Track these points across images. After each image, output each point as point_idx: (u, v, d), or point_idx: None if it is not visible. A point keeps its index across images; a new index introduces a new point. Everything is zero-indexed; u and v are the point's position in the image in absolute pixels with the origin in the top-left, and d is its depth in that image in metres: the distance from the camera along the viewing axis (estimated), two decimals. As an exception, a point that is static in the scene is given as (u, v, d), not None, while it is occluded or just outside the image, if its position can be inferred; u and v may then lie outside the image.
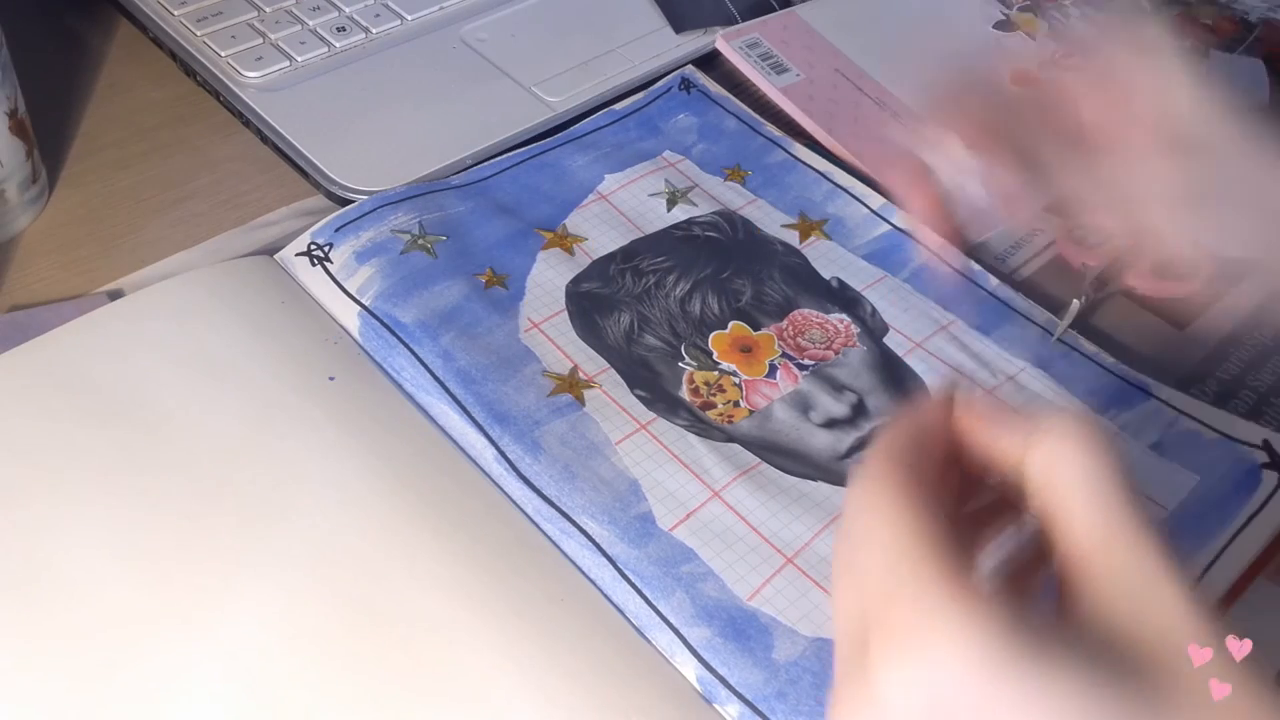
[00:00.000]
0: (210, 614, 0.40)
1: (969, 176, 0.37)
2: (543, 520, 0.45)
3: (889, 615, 0.27)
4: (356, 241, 0.52)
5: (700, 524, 0.45)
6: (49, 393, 0.45)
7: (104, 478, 0.43)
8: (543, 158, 0.59)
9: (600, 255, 0.55)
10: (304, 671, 0.39)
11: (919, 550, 0.28)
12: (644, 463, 0.47)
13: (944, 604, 0.27)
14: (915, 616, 0.27)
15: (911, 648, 0.27)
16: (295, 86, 0.60)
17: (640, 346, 0.51)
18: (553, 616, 0.41)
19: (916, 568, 0.27)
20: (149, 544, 0.41)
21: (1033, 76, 0.53)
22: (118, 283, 0.51)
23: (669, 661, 0.41)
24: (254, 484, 0.43)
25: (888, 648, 0.27)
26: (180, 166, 0.58)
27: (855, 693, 0.28)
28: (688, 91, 0.63)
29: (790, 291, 0.54)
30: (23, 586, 0.39)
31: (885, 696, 0.27)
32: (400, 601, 0.41)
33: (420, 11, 0.66)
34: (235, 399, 0.46)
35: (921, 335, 0.53)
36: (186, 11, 0.63)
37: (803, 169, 0.60)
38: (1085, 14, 0.74)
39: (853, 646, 0.28)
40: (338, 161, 0.57)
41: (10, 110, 0.51)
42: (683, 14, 0.68)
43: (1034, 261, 0.59)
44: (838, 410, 0.49)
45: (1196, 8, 0.75)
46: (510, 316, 0.51)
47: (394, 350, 0.49)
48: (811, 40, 0.68)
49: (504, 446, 0.46)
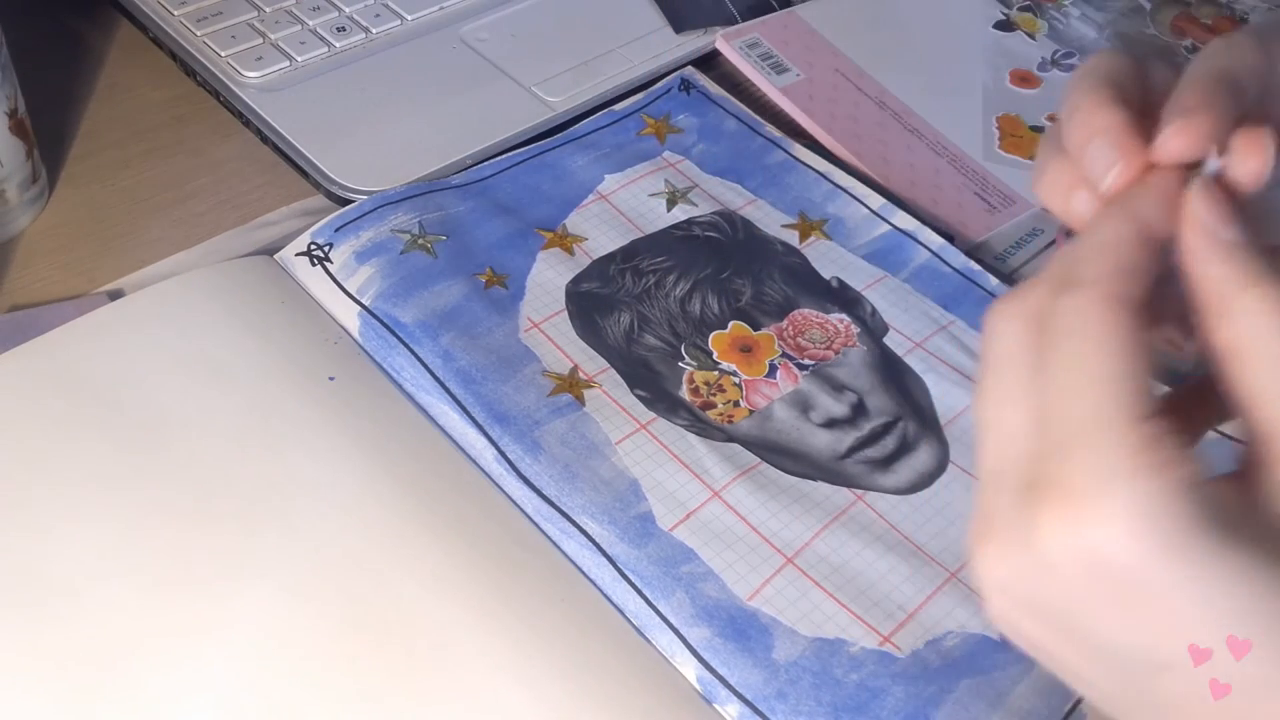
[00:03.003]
0: (210, 613, 0.40)
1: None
2: (543, 520, 0.45)
3: (1073, 461, 0.25)
4: (356, 241, 0.52)
5: (700, 524, 0.45)
6: (49, 393, 0.45)
7: (104, 477, 0.43)
8: (543, 158, 0.59)
9: (600, 255, 0.55)
10: (304, 671, 0.39)
11: (1127, 396, 0.25)
12: (644, 463, 0.47)
13: (1136, 465, 0.24)
14: (1103, 472, 0.25)
15: (1088, 506, 0.25)
16: (295, 86, 0.60)
17: (640, 346, 0.51)
18: (553, 617, 0.41)
19: (1118, 415, 0.25)
20: (148, 543, 0.41)
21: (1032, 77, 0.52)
22: (118, 283, 0.51)
23: (669, 661, 0.41)
24: (254, 484, 0.43)
25: (1063, 500, 0.25)
26: (180, 166, 0.58)
27: (1011, 535, 0.26)
28: (688, 92, 0.63)
29: (790, 291, 0.54)
30: (22, 586, 0.39)
31: (1046, 548, 0.25)
32: (400, 601, 0.41)
33: (420, 11, 0.66)
34: (235, 399, 0.46)
35: (921, 335, 0.53)
36: (186, 11, 0.63)
37: (803, 169, 0.60)
38: (1085, 14, 0.74)
39: (1016, 477, 0.26)
40: (338, 161, 0.57)
41: (10, 110, 0.51)
42: (683, 14, 0.68)
43: (1034, 262, 0.59)
44: (838, 410, 0.49)
45: (1196, 8, 0.75)
46: (510, 316, 0.51)
47: (394, 350, 0.49)
48: (811, 40, 0.68)
49: (504, 446, 0.46)
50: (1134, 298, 0.26)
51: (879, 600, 0.43)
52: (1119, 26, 0.74)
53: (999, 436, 0.27)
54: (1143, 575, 0.24)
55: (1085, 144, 0.30)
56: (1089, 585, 0.25)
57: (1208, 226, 0.27)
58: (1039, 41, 0.71)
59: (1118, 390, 0.25)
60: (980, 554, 0.27)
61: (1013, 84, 0.68)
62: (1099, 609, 0.25)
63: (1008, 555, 0.26)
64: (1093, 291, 0.26)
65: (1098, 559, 0.25)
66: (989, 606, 0.28)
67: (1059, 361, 0.26)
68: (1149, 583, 0.24)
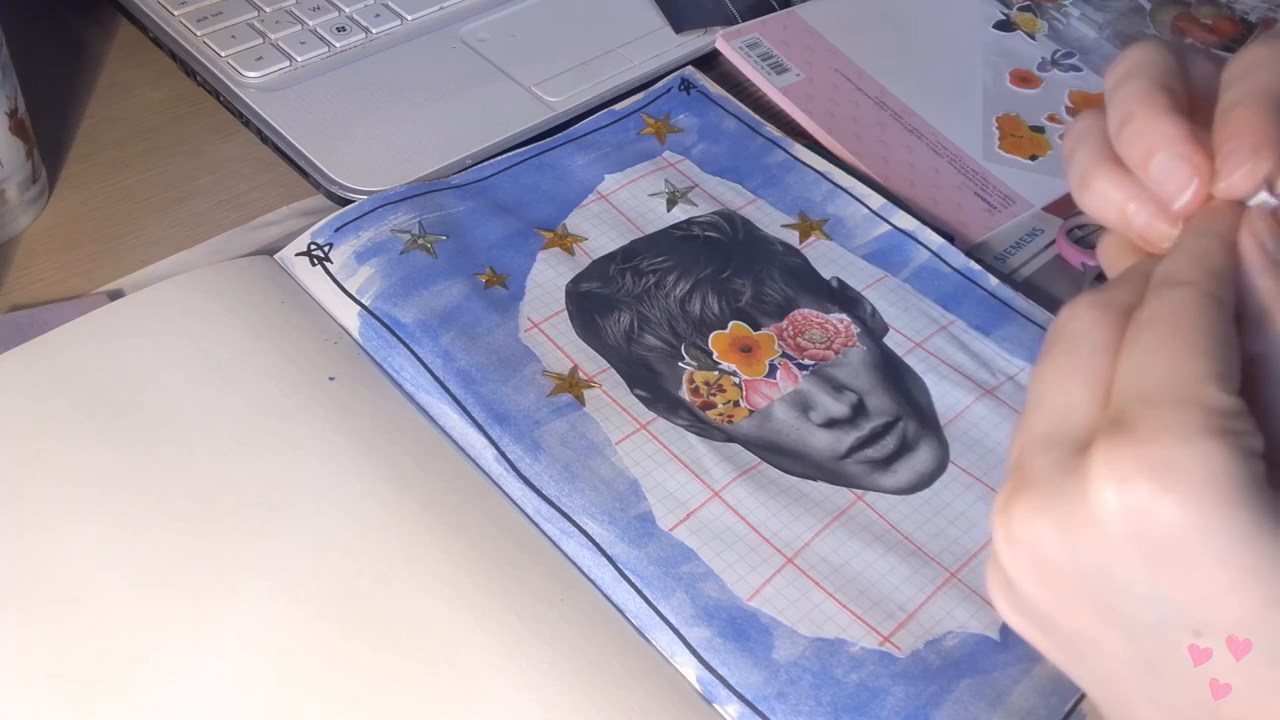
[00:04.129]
0: (209, 613, 0.40)
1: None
2: (543, 520, 0.45)
3: (1146, 413, 0.25)
4: (356, 241, 0.52)
5: (700, 524, 0.45)
6: (49, 393, 0.45)
7: (104, 477, 0.43)
8: (543, 158, 0.59)
9: (600, 255, 0.55)
10: (304, 671, 0.39)
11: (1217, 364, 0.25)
12: (644, 463, 0.47)
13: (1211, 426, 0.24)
14: (1178, 424, 0.24)
15: (1153, 459, 0.24)
16: (295, 86, 0.60)
17: (640, 346, 0.51)
18: (553, 617, 0.41)
19: (1205, 376, 0.25)
20: (149, 543, 0.41)
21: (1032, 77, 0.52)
22: (118, 283, 0.51)
23: (669, 661, 0.41)
24: (254, 484, 0.43)
25: (1125, 450, 0.25)
26: (180, 166, 0.58)
27: (1052, 489, 0.26)
28: (688, 92, 0.63)
29: (790, 291, 0.54)
30: (22, 586, 0.39)
31: (1099, 501, 0.25)
32: (400, 602, 0.41)
33: (420, 11, 0.66)
34: (235, 399, 0.46)
35: (921, 335, 0.53)
36: (186, 11, 0.63)
37: (802, 169, 0.60)
38: (1085, 14, 0.74)
39: (1070, 440, 0.26)
40: (338, 161, 0.57)
41: (10, 110, 0.51)
42: (683, 14, 0.68)
43: (1034, 261, 0.59)
44: (838, 410, 0.49)
45: (1196, 8, 0.75)
46: (510, 316, 0.51)
47: (394, 350, 0.49)
48: (811, 40, 0.68)
49: (504, 446, 0.46)
50: (1228, 302, 0.27)
51: (879, 600, 0.43)
52: (1119, 26, 0.74)
53: (1057, 404, 0.27)
54: (1191, 535, 0.24)
55: (1148, 158, 0.29)
56: (1133, 539, 0.25)
57: (1263, 241, 0.28)
58: (1039, 41, 0.71)
59: (1207, 357, 0.25)
60: (1008, 512, 0.27)
61: (1013, 84, 0.68)
62: (1138, 566, 0.25)
63: (1046, 509, 0.26)
64: (1191, 288, 0.27)
65: (1150, 509, 0.24)
66: (998, 570, 0.28)
67: (1145, 343, 0.26)
68: (1196, 544, 0.24)
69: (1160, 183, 0.29)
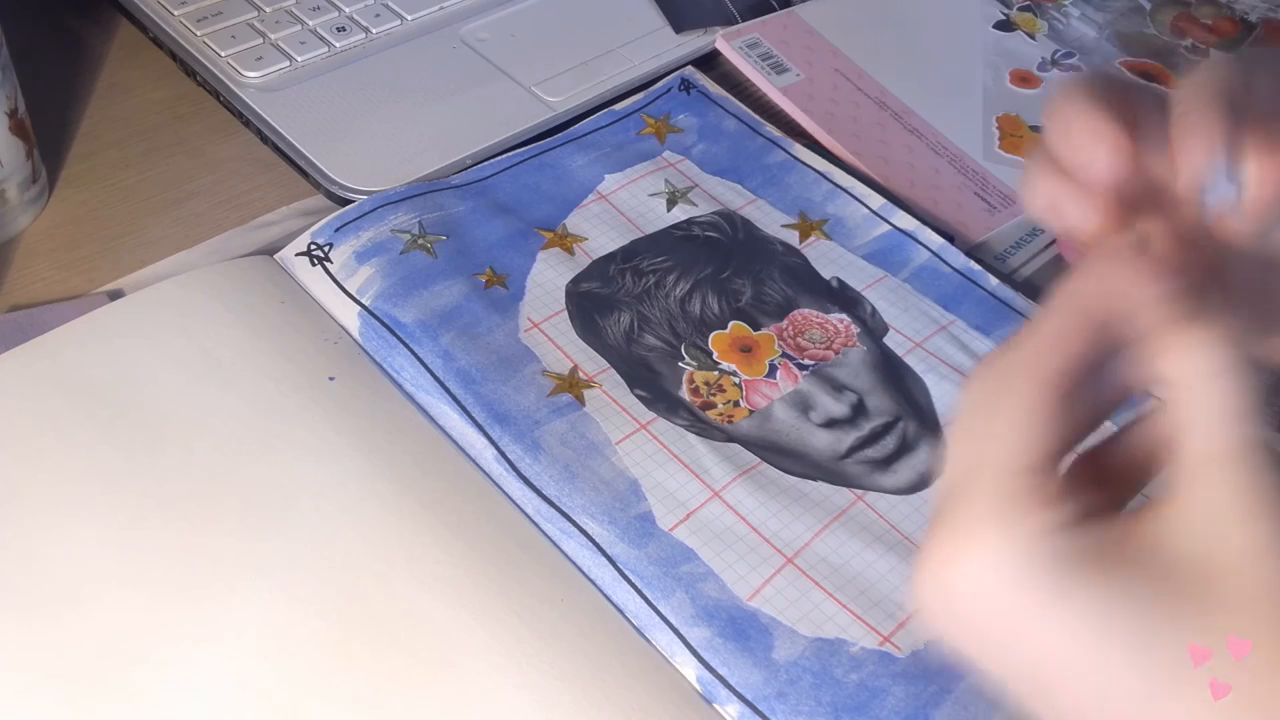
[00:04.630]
0: (209, 613, 0.40)
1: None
2: (543, 520, 0.45)
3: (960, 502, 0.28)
4: (356, 241, 0.52)
5: (700, 524, 0.45)
6: (49, 393, 0.45)
7: (104, 477, 0.43)
8: (543, 158, 0.59)
9: (600, 255, 0.55)
10: (304, 671, 0.39)
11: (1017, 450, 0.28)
12: (644, 463, 0.47)
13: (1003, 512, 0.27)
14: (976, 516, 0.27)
15: (961, 544, 0.27)
16: (295, 86, 0.60)
17: (640, 346, 0.51)
18: (553, 617, 0.41)
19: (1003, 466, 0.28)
20: (149, 544, 0.41)
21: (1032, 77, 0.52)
22: (118, 283, 0.51)
23: (669, 661, 0.41)
24: (254, 484, 0.43)
25: (947, 535, 0.28)
26: (180, 166, 0.58)
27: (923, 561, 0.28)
28: (688, 92, 0.63)
29: (790, 291, 0.54)
30: (22, 586, 0.39)
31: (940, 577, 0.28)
32: (400, 601, 0.41)
33: (420, 11, 0.66)
34: (235, 399, 0.46)
35: (921, 335, 0.53)
36: (186, 11, 0.63)
37: (802, 169, 0.60)
38: (1085, 14, 0.74)
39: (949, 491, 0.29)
40: (338, 161, 0.57)
41: (10, 110, 0.51)
42: (683, 14, 0.68)
43: (1034, 261, 0.59)
44: (838, 410, 0.49)
45: (1196, 8, 0.75)
46: (510, 316, 0.51)
47: (394, 350, 0.49)
48: (811, 40, 0.68)
49: (504, 446, 0.46)
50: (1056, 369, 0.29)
51: (879, 600, 0.43)
52: (1119, 26, 0.74)
53: (947, 472, 0.30)
54: (1009, 607, 0.27)
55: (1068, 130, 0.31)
56: (976, 613, 0.28)
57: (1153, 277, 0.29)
58: (1039, 41, 0.71)
59: (1010, 444, 0.28)
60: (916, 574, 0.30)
61: (1013, 84, 0.68)
62: (988, 633, 0.28)
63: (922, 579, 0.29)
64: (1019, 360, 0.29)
65: (976, 590, 0.27)
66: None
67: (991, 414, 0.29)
68: (1016, 614, 0.27)
69: (1079, 150, 0.31)
